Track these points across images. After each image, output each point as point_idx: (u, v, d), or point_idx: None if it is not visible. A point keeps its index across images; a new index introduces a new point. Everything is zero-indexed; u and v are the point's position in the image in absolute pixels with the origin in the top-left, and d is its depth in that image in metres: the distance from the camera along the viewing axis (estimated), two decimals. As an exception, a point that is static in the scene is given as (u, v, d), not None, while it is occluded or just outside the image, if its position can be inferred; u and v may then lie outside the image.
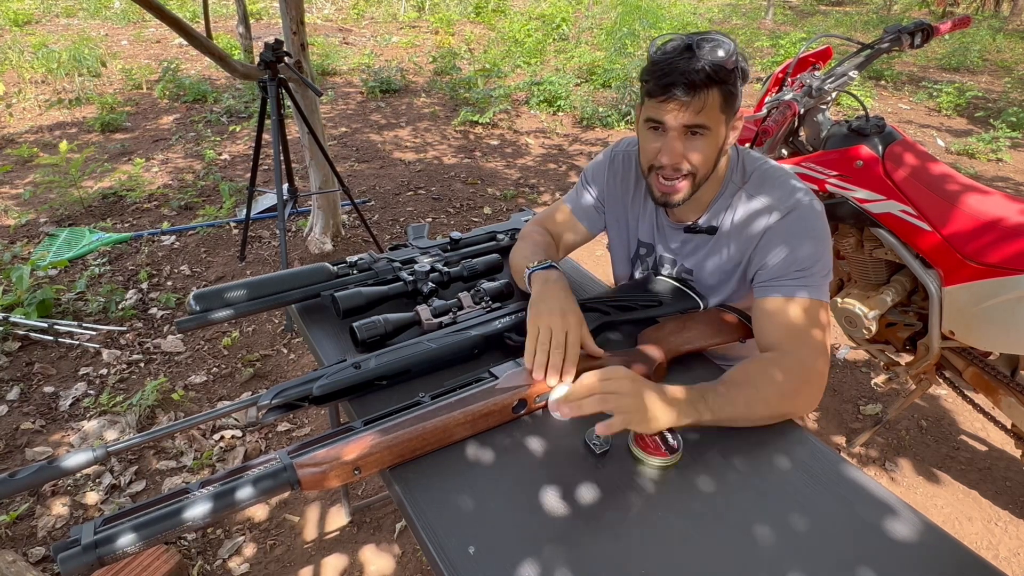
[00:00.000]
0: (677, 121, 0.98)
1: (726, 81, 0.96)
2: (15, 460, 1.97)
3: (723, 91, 0.97)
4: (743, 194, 1.10)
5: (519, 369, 0.98)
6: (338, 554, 1.73)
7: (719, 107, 0.98)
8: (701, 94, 0.95)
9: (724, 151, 1.06)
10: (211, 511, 0.74)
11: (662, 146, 1.02)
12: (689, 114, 0.97)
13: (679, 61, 0.95)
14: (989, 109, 5.92)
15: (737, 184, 1.11)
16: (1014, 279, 1.43)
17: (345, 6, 10.95)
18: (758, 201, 1.07)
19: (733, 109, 1.01)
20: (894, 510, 0.82)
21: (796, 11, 12.70)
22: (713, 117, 0.98)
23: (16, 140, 4.65)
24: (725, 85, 0.97)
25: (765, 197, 1.07)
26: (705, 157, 1.02)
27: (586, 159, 4.72)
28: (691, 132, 1.00)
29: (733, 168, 1.12)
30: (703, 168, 1.03)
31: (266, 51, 2.48)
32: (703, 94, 0.96)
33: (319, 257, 3.22)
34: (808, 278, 1.02)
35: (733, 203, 1.10)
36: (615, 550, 0.76)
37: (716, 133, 1.00)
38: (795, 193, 1.06)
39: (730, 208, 1.11)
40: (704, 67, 0.94)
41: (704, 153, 1.01)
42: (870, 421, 2.22)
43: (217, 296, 1.15)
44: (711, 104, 0.97)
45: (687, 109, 0.96)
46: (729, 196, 1.11)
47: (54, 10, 9.50)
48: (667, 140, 1.01)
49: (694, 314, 1.14)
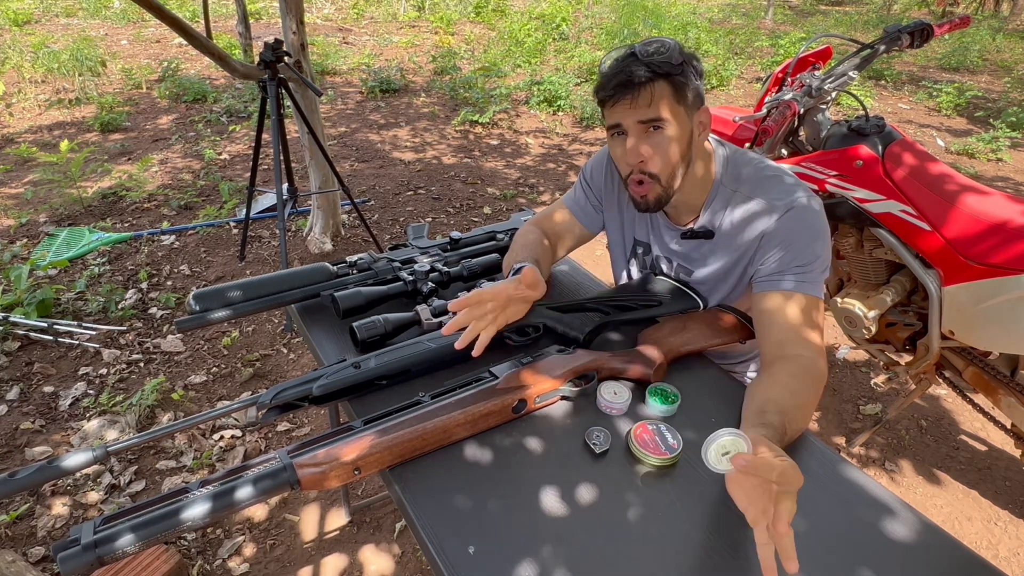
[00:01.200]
0: (631, 118, 1.00)
1: (671, 73, 0.98)
2: (15, 460, 1.97)
3: (672, 82, 0.98)
4: (740, 195, 1.09)
5: (519, 369, 0.98)
6: (338, 554, 1.73)
7: (671, 97, 0.99)
8: (647, 88, 0.97)
9: (696, 146, 1.06)
10: (211, 511, 0.74)
11: (625, 150, 1.03)
12: (640, 109, 0.99)
13: (622, 64, 0.99)
14: (989, 109, 5.92)
15: (730, 185, 1.10)
16: (1014, 279, 1.43)
17: (345, 6, 10.95)
18: (756, 201, 1.07)
19: (690, 102, 1.01)
20: (894, 510, 0.82)
21: (796, 11, 12.70)
22: (667, 108, 0.99)
23: (16, 140, 4.65)
24: (672, 77, 0.98)
25: (763, 197, 1.07)
26: (668, 152, 1.02)
27: (586, 159, 4.72)
28: (651, 127, 1.00)
29: (723, 168, 1.11)
30: (670, 164, 1.03)
31: (266, 51, 2.48)
32: (649, 87, 0.97)
33: (319, 257, 3.22)
34: (807, 275, 1.03)
35: (730, 204, 1.10)
36: (615, 550, 0.76)
37: (676, 126, 1.01)
38: (793, 191, 1.05)
39: (727, 209, 1.10)
40: (646, 63, 0.97)
41: (666, 148, 1.01)
42: (870, 421, 2.22)
43: (217, 296, 1.15)
44: (660, 95, 0.98)
45: (637, 104, 0.98)
46: (724, 198, 1.10)
47: (54, 10, 9.50)
48: (628, 141, 1.02)
49: (694, 314, 1.14)
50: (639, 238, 1.26)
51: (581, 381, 1.01)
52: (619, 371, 1.03)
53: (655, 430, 0.91)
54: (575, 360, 1.02)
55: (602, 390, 0.99)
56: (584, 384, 1.00)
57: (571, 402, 1.00)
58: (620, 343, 1.15)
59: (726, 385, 1.07)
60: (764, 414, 0.86)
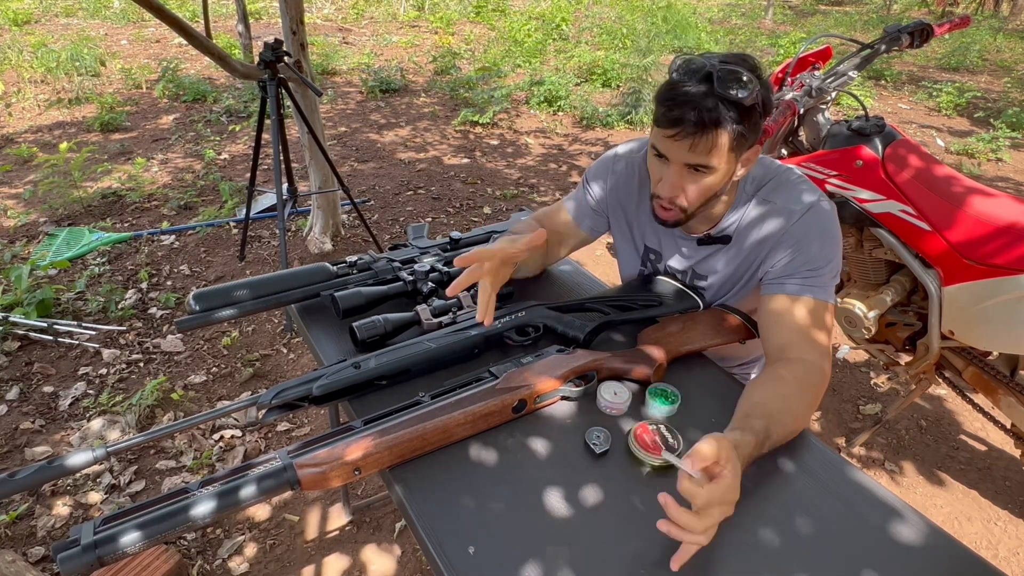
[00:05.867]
0: (680, 159, 0.94)
1: (740, 121, 0.89)
2: (15, 460, 1.97)
3: (735, 131, 0.90)
4: (756, 199, 1.08)
5: (519, 369, 0.98)
6: (338, 554, 1.73)
7: (728, 147, 0.91)
8: (709, 134, 0.89)
9: (733, 182, 1.02)
10: (211, 511, 0.74)
11: (663, 176, 0.99)
12: (693, 154, 0.92)
13: (693, 93, 0.88)
14: (989, 109, 5.92)
15: (750, 190, 1.09)
16: (1014, 279, 1.43)
17: (345, 6, 10.94)
18: (772, 206, 1.07)
19: (746, 146, 0.95)
20: (894, 510, 0.82)
21: (796, 11, 12.69)
22: (719, 157, 0.92)
23: (16, 140, 4.65)
24: (739, 125, 0.89)
25: (779, 201, 1.06)
26: (703, 194, 0.98)
27: (586, 159, 4.72)
28: (694, 169, 0.95)
29: (746, 179, 1.09)
30: (698, 202, 1.00)
31: (266, 51, 2.48)
32: (711, 135, 0.89)
33: (319, 257, 3.22)
34: (817, 279, 1.02)
35: (746, 210, 1.09)
36: (615, 550, 0.76)
37: (721, 171, 0.95)
38: (809, 196, 1.05)
39: (744, 213, 1.10)
40: (717, 104, 0.87)
41: (703, 191, 0.98)
42: (870, 421, 2.22)
43: (217, 296, 1.15)
44: (719, 144, 0.90)
45: (692, 149, 0.91)
46: (743, 202, 1.09)
47: (53, 10, 9.49)
48: (668, 173, 0.98)
49: (694, 314, 1.14)
50: (650, 245, 1.24)
51: (581, 381, 1.01)
52: (619, 371, 1.03)
53: (655, 430, 0.91)
54: (575, 360, 1.02)
55: (602, 390, 0.99)
56: (584, 384, 1.00)
57: (571, 402, 1.00)
58: (620, 343, 1.15)
59: (726, 385, 1.07)
60: (749, 418, 0.87)
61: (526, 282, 1.36)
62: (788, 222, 1.04)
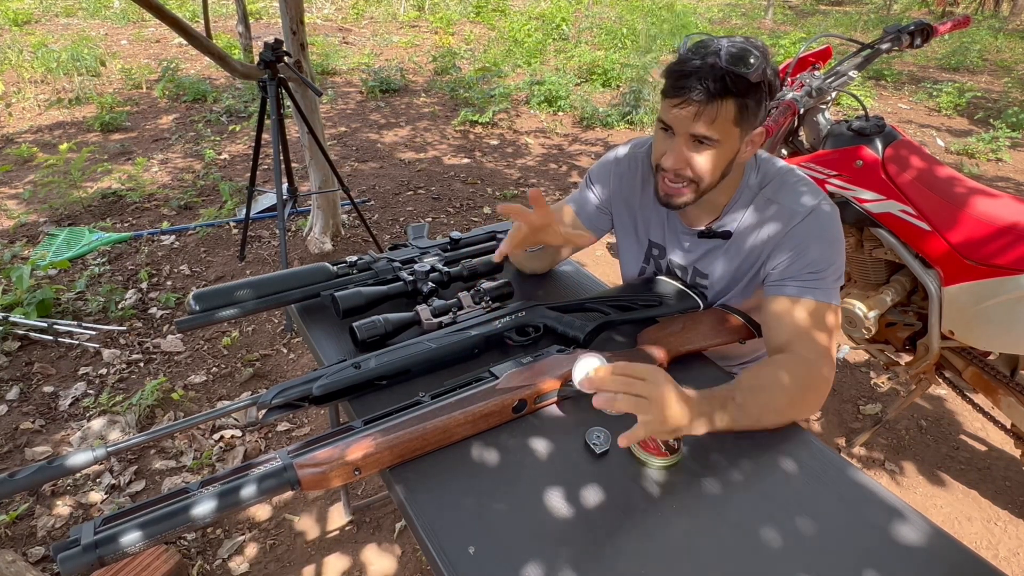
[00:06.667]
0: (685, 129, 0.96)
1: (745, 94, 0.92)
2: (15, 460, 1.97)
3: (740, 103, 0.93)
4: (760, 199, 1.08)
5: (519, 369, 0.98)
6: (338, 554, 1.73)
7: (733, 120, 0.94)
8: (714, 104, 0.91)
9: (737, 163, 1.04)
10: (211, 511, 0.74)
11: (668, 149, 1.00)
12: (698, 124, 0.94)
13: (700, 65, 0.91)
14: (989, 109, 5.92)
15: (753, 189, 1.09)
16: (1014, 279, 1.43)
17: (345, 6, 10.95)
18: (775, 206, 1.07)
19: (751, 123, 0.97)
20: (894, 510, 0.82)
21: (796, 11, 12.70)
22: (724, 130, 0.94)
23: (16, 140, 4.65)
24: (743, 98, 0.92)
25: (783, 202, 1.06)
26: (710, 167, 0.99)
27: (586, 159, 4.72)
28: (699, 141, 0.97)
29: (749, 173, 1.10)
30: (707, 177, 1.01)
31: (266, 51, 2.48)
32: (716, 104, 0.91)
33: (319, 257, 3.22)
34: (820, 281, 1.02)
35: (751, 207, 1.09)
36: (616, 550, 0.76)
37: (726, 146, 0.97)
38: (811, 198, 1.05)
39: (746, 212, 1.10)
40: (723, 76, 0.90)
41: (709, 163, 0.99)
42: (870, 421, 2.22)
43: (217, 296, 1.15)
44: (724, 116, 0.93)
45: (697, 118, 0.93)
46: (745, 201, 1.10)
47: (53, 10, 9.50)
48: (673, 144, 0.99)
49: (694, 314, 1.14)
50: (655, 240, 1.25)
51: (581, 381, 1.01)
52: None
53: (655, 430, 0.91)
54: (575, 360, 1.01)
55: (602, 390, 0.99)
56: (584, 384, 1.00)
57: (571, 402, 1.00)
58: (620, 343, 1.15)
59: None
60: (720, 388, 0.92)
61: (526, 282, 1.36)
62: (789, 224, 1.04)
